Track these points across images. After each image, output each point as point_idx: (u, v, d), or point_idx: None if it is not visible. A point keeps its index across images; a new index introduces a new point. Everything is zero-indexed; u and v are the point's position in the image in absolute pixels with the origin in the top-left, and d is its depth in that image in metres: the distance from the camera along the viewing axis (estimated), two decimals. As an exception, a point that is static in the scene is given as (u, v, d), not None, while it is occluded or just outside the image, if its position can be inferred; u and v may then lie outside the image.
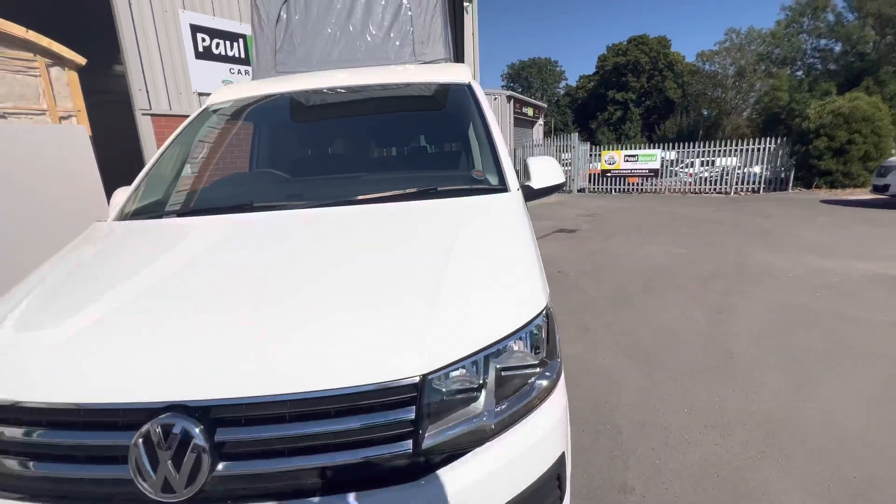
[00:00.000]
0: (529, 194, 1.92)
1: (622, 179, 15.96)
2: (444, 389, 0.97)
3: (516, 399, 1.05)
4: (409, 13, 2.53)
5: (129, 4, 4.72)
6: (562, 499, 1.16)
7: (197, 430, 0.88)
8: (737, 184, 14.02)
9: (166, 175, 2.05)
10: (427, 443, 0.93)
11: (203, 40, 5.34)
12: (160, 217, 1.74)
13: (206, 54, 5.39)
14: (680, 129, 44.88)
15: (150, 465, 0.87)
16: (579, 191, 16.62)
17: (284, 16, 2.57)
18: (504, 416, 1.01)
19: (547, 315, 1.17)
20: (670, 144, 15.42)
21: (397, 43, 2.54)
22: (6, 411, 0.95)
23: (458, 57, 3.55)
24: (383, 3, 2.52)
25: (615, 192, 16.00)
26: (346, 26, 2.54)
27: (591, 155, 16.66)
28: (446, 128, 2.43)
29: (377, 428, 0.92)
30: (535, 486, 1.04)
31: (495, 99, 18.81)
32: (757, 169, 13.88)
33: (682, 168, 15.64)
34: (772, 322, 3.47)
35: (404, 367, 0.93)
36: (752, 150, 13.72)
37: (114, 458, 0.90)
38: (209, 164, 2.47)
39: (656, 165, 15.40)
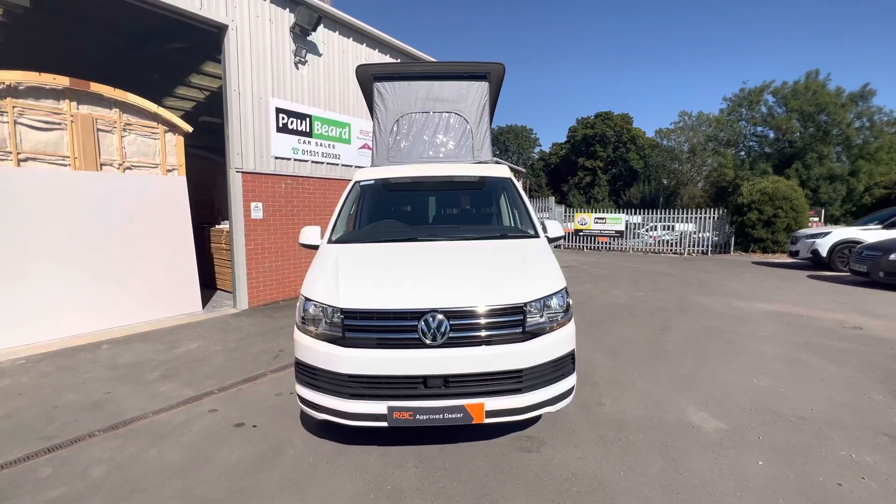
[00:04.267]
0: (548, 240, 3.55)
1: (592, 238, 18.18)
2: (530, 310, 2.49)
3: (553, 322, 2.58)
4: (471, 131, 4.28)
5: (239, 94, 6.41)
6: (573, 371, 2.65)
7: (443, 318, 2.37)
8: (690, 246, 16.40)
9: (345, 220, 3.56)
10: (527, 329, 2.45)
11: (282, 118, 7.04)
12: (361, 242, 3.23)
13: (283, 129, 7.06)
14: (643, 196, 49.36)
15: (426, 330, 2.34)
16: (556, 247, 18.67)
17: (395, 128, 4.27)
18: (550, 325, 2.54)
19: (566, 291, 2.73)
20: (635, 210, 17.91)
21: (463, 150, 4.26)
22: (361, 312, 2.42)
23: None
24: (456, 126, 4.27)
25: (586, 249, 18.14)
26: (434, 137, 4.25)
27: (565, 216, 18.96)
28: (495, 200, 4.11)
29: (508, 321, 2.44)
30: (562, 357, 2.57)
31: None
32: (708, 234, 16.39)
33: (645, 231, 18.02)
34: (693, 335, 5.13)
35: (518, 298, 2.47)
36: (702, 218, 16.30)
37: (409, 329, 2.37)
38: (358, 214, 3.95)
39: (622, 228, 17.75)
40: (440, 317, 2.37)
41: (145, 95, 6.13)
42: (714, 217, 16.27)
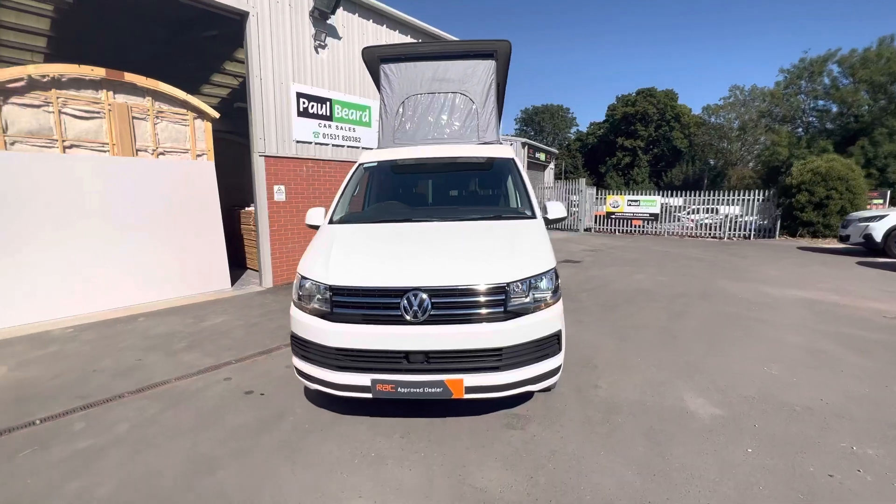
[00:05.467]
0: (546, 221, 3.51)
1: (625, 221, 17.55)
2: (513, 290, 2.51)
3: (539, 301, 2.59)
4: (476, 112, 4.24)
5: (261, 80, 6.62)
6: (558, 351, 2.66)
7: (425, 296, 2.43)
8: (731, 230, 15.51)
9: (346, 202, 3.67)
10: (509, 308, 2.47)
11: (303, 103, 7.21)
12: (358, 223, 3.33)
13: (304, 113, 7.24)
14: (686, 177, 46.89)
15: (408, 307, 2.42)
16: (586, 230, 18.22)
17: (401, 110, 4.30)
18: (535, 305, 2.55)
19: (555, 272, 2.72)
20: (677, 192, 17.06)
21: (468, 130, 4.23)
22: (348, 290, 2.52)
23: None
24: (462, 106, 4.24)
25: (618, 232, 17.57)
26: (439, 119, 4.25)
27: (596, 198, 18.39)
28: (497, 182, 4.09)
29: (490, 300, 2.47)
30: (546, 337, 2.58)
31: (511, 144, 20.86)
32: (752, 218, 15.38)
33: (685, 214, 17.11)
34: (710, 321, 4.94)
35: (500, 278, 2.49)
36: (747, 200, 15.31)
37: (392, 306, 2.45)
38: (362, 195, 4.05)
39: (656, 210, 17.02)
40: (422, 295, 2.43)
41: (183, 84, 6.46)
42: (759, 199, 15.26)
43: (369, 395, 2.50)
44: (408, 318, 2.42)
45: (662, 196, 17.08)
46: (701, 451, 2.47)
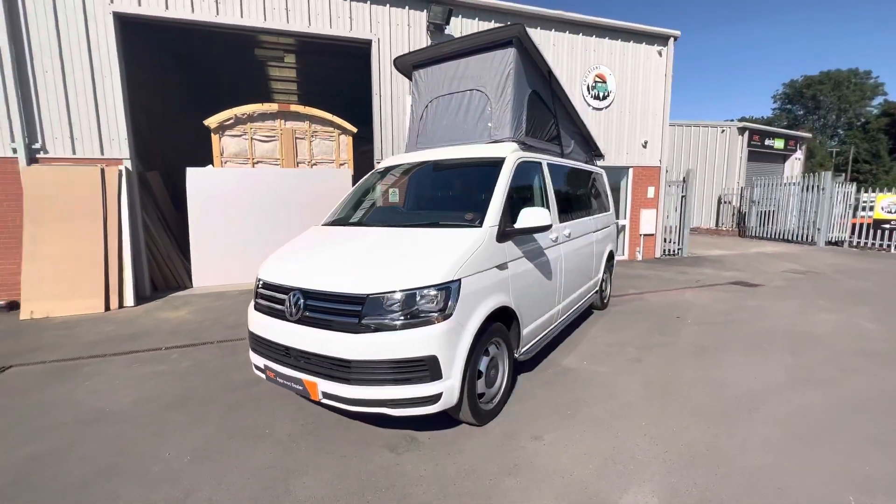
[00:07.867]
0: (511, 231, 2.99)
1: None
2: (375, 301, 2.36)
3: (414, 319, 2.35)
4: (490, 110, 3.88)
5: (380, 98, 7.62)
6: (432, 379, 2.35)
7: (301, 297, 2.57)
8: None
9: (350, 204, 4.03)
10: (364, 320, 2.36)
11: (419, 113, 7.89)
12: (335, 225, 3.67)
13: (420, 122, 7.92)
14: None
15: (289, 306, 2.61)
16: (831, 243, 13.04)
17: (424, 115, 4.35)
18: (403, 323, 2.33)
19: (447, 288, 2.39)
20: None
21: (481, 128, 3.92)
22: (263, 283, 2.91)
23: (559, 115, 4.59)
24: (477, 103, 3.96)
25: (895, 249, 11.88)
26: (455, 120, 4.09)
27: (855, 198, 12.94)
28: (476, 185, 3.65)
29: (346, 309, 2.43)
30: (410, 359, 2.33)
31: (723, 131, 16.81)
32: None
33: None
34: (854, 403, 3.05)
35: (360, 288, 2.41)
36: None
37: (281, 302, 2.69)
38: (374, 198, 4.35)
39: (979, 218, 10.71)
40: (299, 295, 2.59)
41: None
42: None
43: (265, 377, 2.83)
44: (287, 314, 2.62)
45: None
46: (546, 560, 1.77)
